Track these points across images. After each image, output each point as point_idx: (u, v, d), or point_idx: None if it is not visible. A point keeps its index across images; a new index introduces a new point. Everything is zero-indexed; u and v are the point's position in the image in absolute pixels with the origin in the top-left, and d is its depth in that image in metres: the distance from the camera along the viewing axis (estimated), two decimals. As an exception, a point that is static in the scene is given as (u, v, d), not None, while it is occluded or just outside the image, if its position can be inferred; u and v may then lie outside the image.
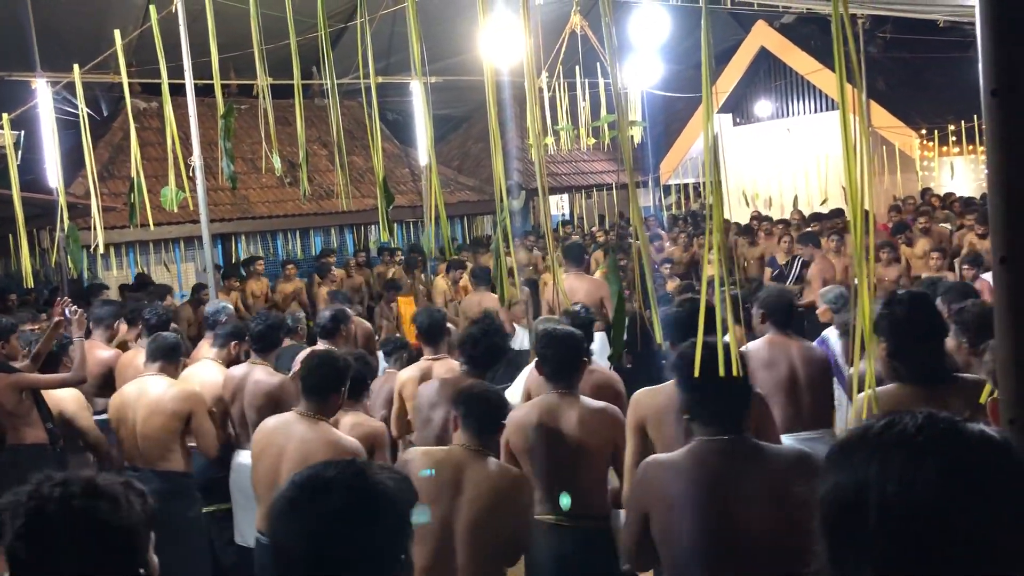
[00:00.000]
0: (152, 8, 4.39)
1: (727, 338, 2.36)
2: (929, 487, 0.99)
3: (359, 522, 1.56)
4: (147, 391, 4.69)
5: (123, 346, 6.20)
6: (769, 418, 3.37)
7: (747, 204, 15.39)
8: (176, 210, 5.10)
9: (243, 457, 4.71)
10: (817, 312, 6.46)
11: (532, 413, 3.59)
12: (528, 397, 4.17)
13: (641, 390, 3.59)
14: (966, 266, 7.21)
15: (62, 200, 4.91)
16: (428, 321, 4.97)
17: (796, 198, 14.84)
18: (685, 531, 2.40)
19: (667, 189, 17.53)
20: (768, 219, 12.49)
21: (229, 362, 5.27)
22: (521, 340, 7.40)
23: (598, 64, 10.54)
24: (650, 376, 3.86)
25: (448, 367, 4.71)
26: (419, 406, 4.31)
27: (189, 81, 6.38)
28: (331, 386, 3.67)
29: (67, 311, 4.91)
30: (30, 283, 5.18)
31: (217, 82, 3.95)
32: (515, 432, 3.55)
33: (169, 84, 4.62)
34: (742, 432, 2.48)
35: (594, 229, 13.52)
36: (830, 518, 1.06)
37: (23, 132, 7.29)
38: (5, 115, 6.00)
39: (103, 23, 11.41)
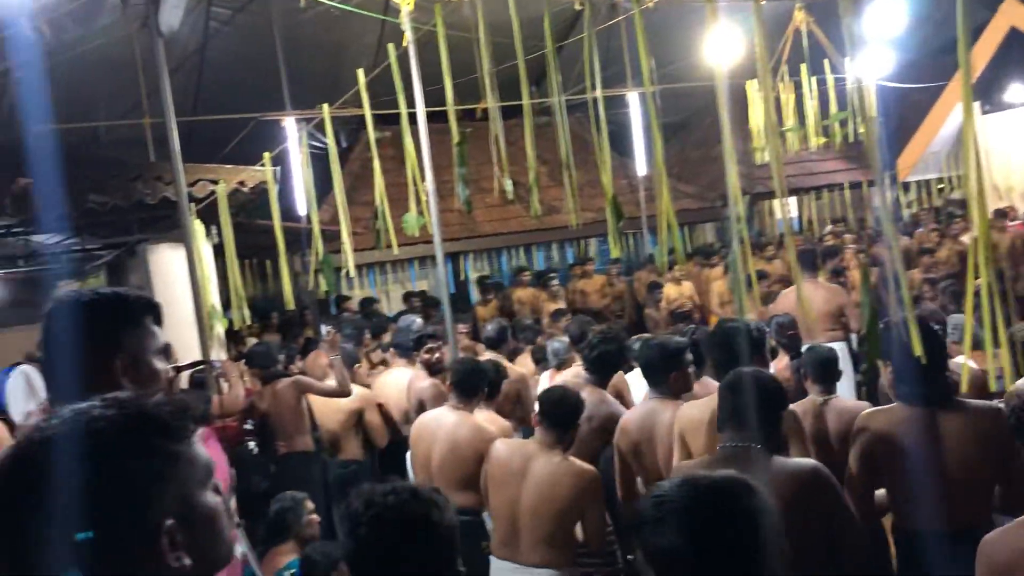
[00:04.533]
0: (391, 47, 4.68)
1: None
2: None
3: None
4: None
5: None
6: None
7: (999, 198, 14.03)
8: (417, 234, 5.41)
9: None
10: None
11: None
12: None
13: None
14: None
15: (316, 229, 5.33)
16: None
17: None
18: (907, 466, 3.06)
19: (905, 186, 16.33)
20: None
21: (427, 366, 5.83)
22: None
23: (825, 60, 10.05)
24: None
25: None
26: None
27: (421, 111, 6.71)
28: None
29: (323, 331, 5.39)
30: (291, 305, 5.72)
31: (451, 110, 4.14)
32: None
33: (399, 114, 4.92)
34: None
35: (827, 231, 12.83)
36: None
37: (279, 167, 8.00)
38: (267, 153, 6.62)
39: (340, 62, 12.31)
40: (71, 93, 10.05)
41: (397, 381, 6.05)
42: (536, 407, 3.76)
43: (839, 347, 6.71)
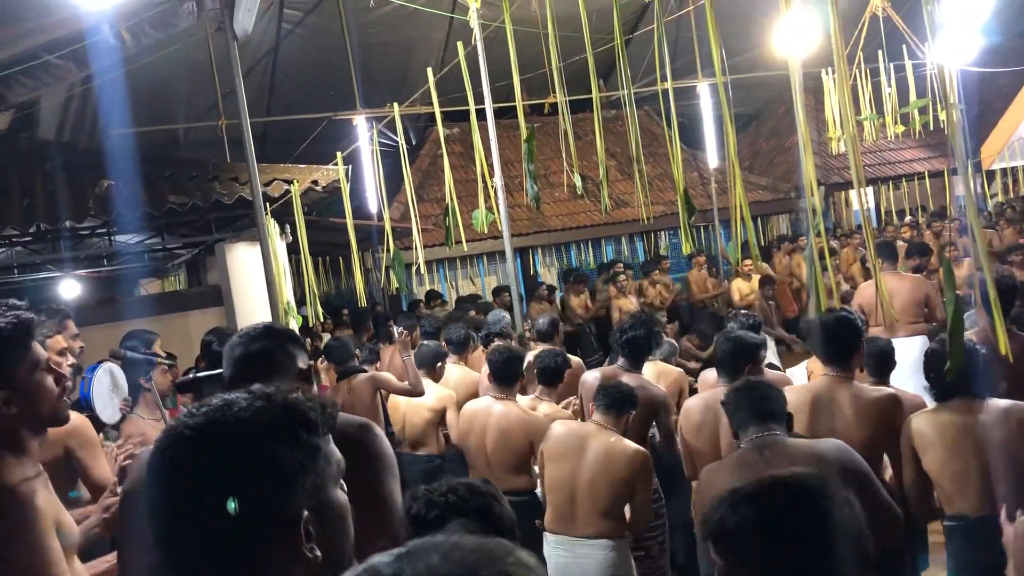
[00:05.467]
0: (459, 44, 4.69)
1: None
2: None
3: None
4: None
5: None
6: None
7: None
8: (486, 231, 5.42)
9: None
10: None
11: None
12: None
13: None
14: None
15: (387, 226, 5.38)
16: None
17: None
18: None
19: (990, 175, 15.73)
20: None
21: None
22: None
23: (903, 46, 9.74)
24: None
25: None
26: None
27: (489, 107, 6.73)
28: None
29: (395, 331, 5.42)
30: (363, 302, 5.80)
31: (520, 106, 4.13)
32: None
33: (467, 111, 4.93)
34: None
35: (904, 223, 12.46)
36: None
37: (350, 166, 8.14)
38: (339, 153, 6.73)
39: (408, 60, 12.42)
40: (152, 97, 10.36)
41: (449, 377, 6.07)
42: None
43: (922, 341, 6.48)
